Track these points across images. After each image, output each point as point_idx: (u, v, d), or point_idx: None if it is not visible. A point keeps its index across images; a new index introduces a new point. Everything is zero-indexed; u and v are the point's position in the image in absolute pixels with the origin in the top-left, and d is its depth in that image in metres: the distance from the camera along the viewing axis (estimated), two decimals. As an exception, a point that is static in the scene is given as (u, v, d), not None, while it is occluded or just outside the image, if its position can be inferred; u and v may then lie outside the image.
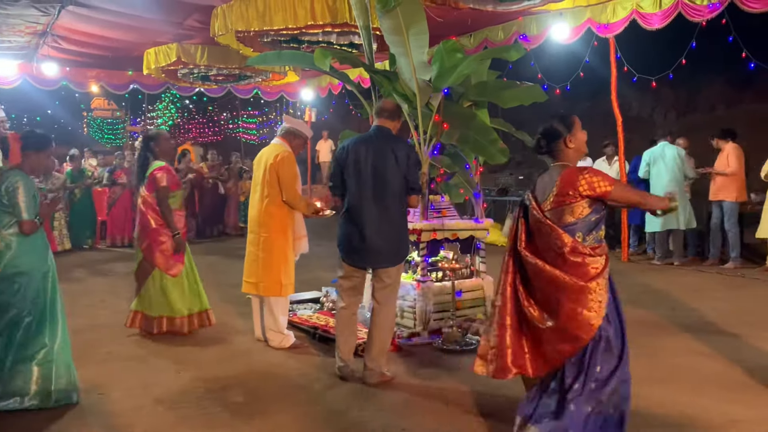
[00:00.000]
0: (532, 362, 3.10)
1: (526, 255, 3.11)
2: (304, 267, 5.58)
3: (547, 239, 3.05)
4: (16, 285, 3.70)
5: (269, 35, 7.92)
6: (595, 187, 2.99)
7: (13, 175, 3.74)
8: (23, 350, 3.73)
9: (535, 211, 3.10)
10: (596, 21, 8.33)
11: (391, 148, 4.16)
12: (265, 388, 4.18)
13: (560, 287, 2.98)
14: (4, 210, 3.72)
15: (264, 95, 15.34)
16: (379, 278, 4.27)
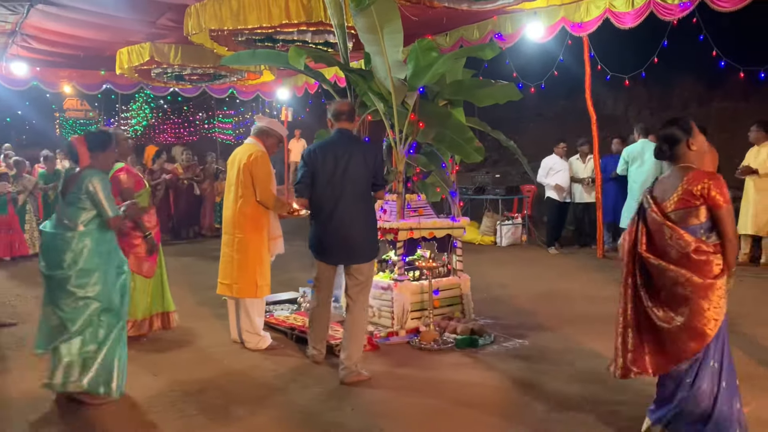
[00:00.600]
0: (652, 362, 3.17)
1: (648, 257, 3.16)
2: (280, 268, 5.55)
3: (668, 241, 3.11)
4: (94, 279, 3.81)
5: (243, 34, 7.85)
6: (708, 195, 3.06)
7: (90, 176, 3.86)
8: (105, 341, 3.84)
9: (655, 214, 3.16)
10: (570, 20, 8.39)
11: (361, 150, 4.36)
12: (241, 391, 4.14)
13: (687, 286, 3.04)
14: (80, 208, 3.84)
15: (240, 95, 15.22)
16: (352, 276, 4.36)
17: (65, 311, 3.77)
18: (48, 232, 3.90)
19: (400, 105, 5.40)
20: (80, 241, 3.80)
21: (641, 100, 15.12)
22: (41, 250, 3.96)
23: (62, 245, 3.79)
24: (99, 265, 3.84)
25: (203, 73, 11.57)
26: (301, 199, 4.44)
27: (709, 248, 3.06)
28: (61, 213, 3.88)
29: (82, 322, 3.77)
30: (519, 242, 10.98)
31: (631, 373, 3.20)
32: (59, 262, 3.78)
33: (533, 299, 6.66)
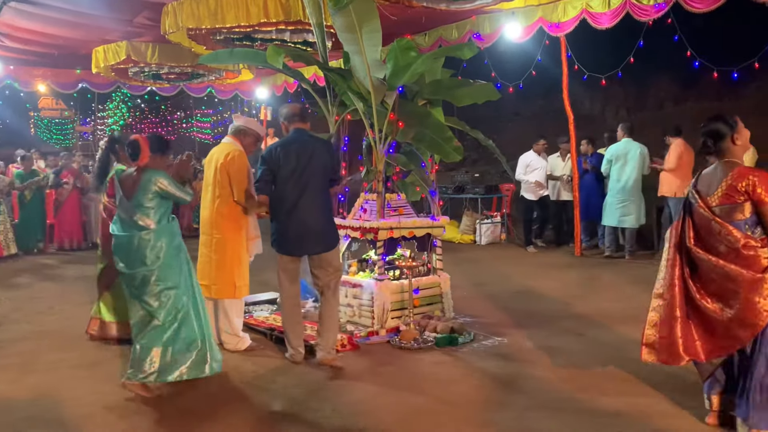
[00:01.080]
0: (704, 349, 3.28)
1: (697, 252, 3.27)
2: (259, 268, 5.52)
3: (717, 236, 3.20)
4: (174, 271, 4.07)
5: (221, 33, 7.80)
6: (754, 191, 3.13)
7: (153, 176, 4.08)
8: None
9: (703, 210, 3.25)
10: (547, 20, 8.45)
11: (319, 147, 4.60)
12: (219, 392, 4.11)
13: (737, 281, 3.13)
14: (149, 207, 4.07)
15: (218, 94, 15.12)
16: (322, 267, 4.58)
17: (152, 305, 4.00)
18: (122, 235, 4.09)
19: (380, 104, 5.40)
20: (158, 239, 4.04)
21: (618, 99, 15.32)
22: (116, 251, 4.12)
23: (142, 244, 4.02)
24: (175, 258, 4.10)
25: (181, 72, 11.47)
26: (261, 196, 4.59)
27: (757, 243, 3.14)
28: (130, 213, 4.08)
29: (167, 313, 4.00)
30: (498, 241, 11.05)
31: (683, 360, 3.31)
32: (142, 260, 4.01)
33: (512, 297, 6.71)
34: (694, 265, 3.32)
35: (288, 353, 4.68)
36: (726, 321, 3.17)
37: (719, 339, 3.24)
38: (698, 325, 3.31)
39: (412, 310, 5.21)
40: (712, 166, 3.38)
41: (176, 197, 4.15)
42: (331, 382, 4.23)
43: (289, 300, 4.65)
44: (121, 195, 4.16)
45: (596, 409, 3.67)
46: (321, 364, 4.53)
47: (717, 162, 3.35)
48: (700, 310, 3.27)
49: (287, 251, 4.59)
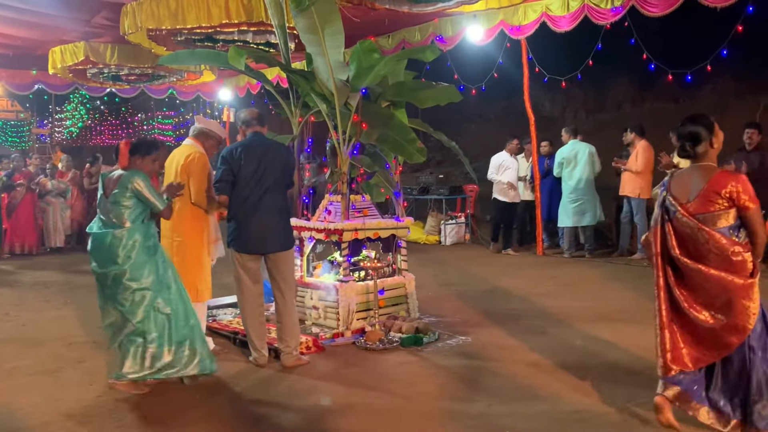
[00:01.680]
0: (692, 357, 3.20)
1: (685, 262, 3.16)
2: (220, 271, 5.46)
3: (705, 245, 3.11)
4: (147, 271, 4.04)
5: (182, 34, 7.72)
6: (738, 198, 3.07)
7: (131, 176, 4.08)
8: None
9: (686, 218, 3.13)
10: (508, 23, 8.58)
11: (278, 151, 4.71)
12: (182, 397, 4.05)
13: (731, 288, 3.08)
14: (125, 206, 4.06)
15: (180, 95, 14.92)
16: (278, 269, 4.62)
17: (125, 305, 3.99)
18: (97, 233, 4.10)
19: (343, 106, 5.41)
20: (130, 236, 4.04)
21: (578, 101, 15.59)
22: (91, 250, 4.13)
23: (114, 242, 4.01)
24: (149, 258, 4.08)
25: (141, 73, 11.30)
26: (222, 196, 4.62)
27: (742, 247, 3.10)
28: (107, 213, 4.09)
29: (143, 314, 3.99)
30: (463, 241, 11.15)
31: (672, 371, 3.20)
32: (113, 258, 4.00)
33: (476, 297, 6.78)
34: (679, 274, 3.23)
35: (252, 356, 4.65)
36: (718, 329, 3.12)
37: (708, 347, 3.17)
38: (685, 333, 3.22)
39: (377, 311, 5.23)
40: (685, 170, 3.28)
41: (149, 202, 4.12)
42: (297, 385, 4.22)
43: (251, 300, 4.64)
44: (101, 194, 4.16)
45: (559, 405, 3.74)
46: (285, 366, 4.52)
47: (692, 166, 3.25)
48: (688, 319, 3.19)
49: (248, 249, 4.58)
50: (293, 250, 4.84)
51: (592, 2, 7.75)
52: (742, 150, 8.00)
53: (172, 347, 4.06)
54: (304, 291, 5.64)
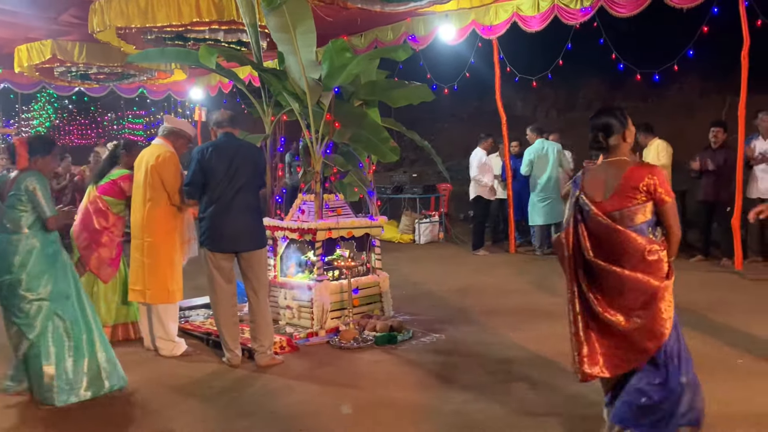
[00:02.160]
0: (608, 365, 3.03)
1: (599, 264, 2.96)
2: (193, 272, 5.41)
3: (620, 245, 2.93)
4: (44, 281, 3.81)
5: (152, 32, 7.62)
6: (655, 191, 2.92)
7: (28, 177, 3.84)
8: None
9: (600, 218, 2.94)
10: (480, 23, 8.65)
11: (250, 151, 4.70)
12: (155, 399, 4.01)
13: (648, 290, 2.92)
14: (21, 210, 3.82)
15: (150, 94, 14.73)
16: (251, 268, 4.59)
17: (20, 317, 3.77)
18: None
19: (316, 105, 5.40)
20: (27, 243, 3.81)
21: (548, 100, 15.76)
22: None
23: (9, 248, 3.79)
24: (48, 267, 3.84)
25: (110, 72, 11.12)
26: (191, 201, 4.64)
27: (659, 246, 2.96)
28: (3, 217, 3.85)
29: (40, 327, 3.77)
30: (437, 240, 11.20)
31: (590, 378, 3.06)
32: (8, 266, 3.77)
33: (450, 294, 6.82)
34: (593, 277, 3.03)
35: (225, 357, 4.62)
36: (634, 333, 2.95)
37: (626, 353, 3.00)
38: (601, 339, 3.03)
39: (351, 310, 5.23)
40: (598, 166, 3.08)
41: (40, 206, 3.80)
42: (271, 385, 4.20)
43: (225, 300, 4.60)
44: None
45: (531, 401, 3.78)
46: (259, 366, 4.51)
47: (605, 162, 3.06)
48: (605, 324, 3.00)
49: (221, 248, 4.54)
50: (266, 249, 4.82)
51: (561, 2, 7.86)
52: (708, 148, 8.17)
53: (72, 363, 3.79)
54: (278, 291, 5.62)
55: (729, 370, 4.19)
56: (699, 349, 4.60)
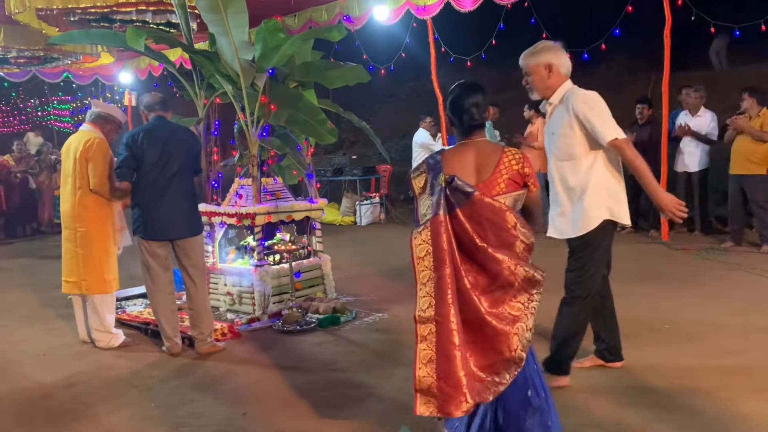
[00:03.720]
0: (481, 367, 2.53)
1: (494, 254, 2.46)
2: (128, 261, 5.26)
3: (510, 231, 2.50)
4: None
5: (76, 13, 7.27)
6: (527, 178, 2.58)
7: None
8: None
9: (491, 200, 2.48)
10: (414, 3, 8.64)
11: (185, 135, 4.60)
12: (94, 391, 3.91)
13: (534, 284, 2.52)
14: None
15: (76, 79, 14.08)
16: (187, 255, 4.51)
17: None
18: None
19: (250, 87, 5.31)
20: None
21: (483, 80, 15.89)
22: None
23: None
24: None
25: (32, 55, 10.56)
26: (123, 183, 4.46)
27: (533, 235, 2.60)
28: None
29: None
30: (378, 221, 11.26)
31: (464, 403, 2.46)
32: None
33: (391, 274, 6.89)
34: (476, 271, 2.53)
35: (164, 346, 4.55)
36: (506, 327, 2.47)
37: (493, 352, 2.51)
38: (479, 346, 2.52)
39: (293, 293, 5.22)
40: (459, 147, 2.64)
41: None
42: (213, 371, 4.16)
43: (162, 288, 4.51)
44: None
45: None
46: (200, 354, 4.46)
47: (468, 142, 2.64)
48: (489, 328, 2.48)
49: (155, 236, 4.44)
50: (203, 235, 4.74)
51: (494, -18, 7.94)
52: (634, 123, 8.49)
53: None
54: (218, 277, 5.55)
55: (656, 333, 4.41)
56: (630, 316, 4.83)
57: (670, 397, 3.36)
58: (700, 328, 4.47)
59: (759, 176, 7.00)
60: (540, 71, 3.52)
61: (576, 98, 3.42)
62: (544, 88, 3.56)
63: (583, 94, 3.44)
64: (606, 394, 3.44)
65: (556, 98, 3.54)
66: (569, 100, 3.45)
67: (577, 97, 3.43)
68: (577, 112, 3.40)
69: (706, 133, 7.86)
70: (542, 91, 3.58)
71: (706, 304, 5.10)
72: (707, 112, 7.98)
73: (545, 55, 3.53)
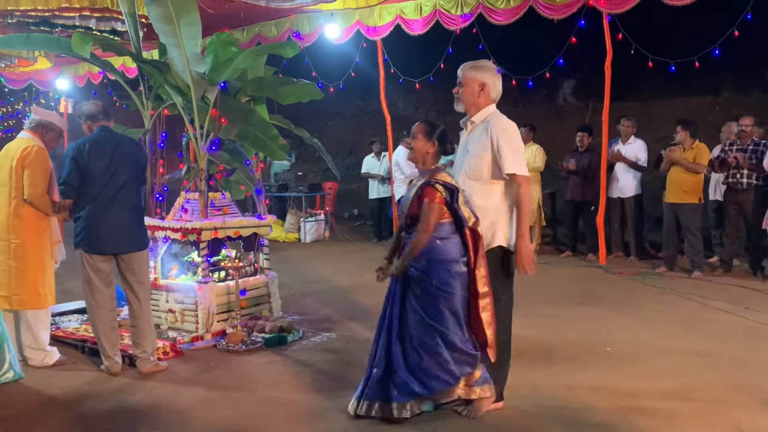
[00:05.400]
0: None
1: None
2: (61, 276, 4.97)
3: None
4: None
5: (14, 16, 7.00)
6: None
7: None
8: None
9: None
10: (365, 23, 8.75)
11: (132, 147, 4.51)
12: (22, 414, 3.68)
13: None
14: None
15: (9, 83, 13.50)
16: (132, 270, 4.39)
17: None
18: None
19: (200, 99, 5.21)
20: None
21: (429, 102, 16.21)
22: None
23: None
24: None
25: (-39, 56, 10.10)
26: (66, 201, 4.31)
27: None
28: None
29: None
30: (323, 238, 11.20)
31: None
32: None
33: (338, 292, 6.84)
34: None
35: (103, 365, 4.35)
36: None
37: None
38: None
39: (239, 311, 5.11)
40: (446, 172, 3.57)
41: None
42: (155, 392, 4.01)
43: (104, 305, 4.33)
44: None
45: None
46: (142, 373, 4.30)
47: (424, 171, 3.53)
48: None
49: (100, 250, 4.28)
50: (148, 250, 4.59)
51: (443, 8, 8.13)
52: (575, 150, 8.78)
53: None
54: (159, 294, 5.37)
55: (598, 356, 4.53)
56: (573, 338, 4.95)
57: (614, 420, 3.45)
58: (640, 351, 4.63)
59: (692, 204, 7.35)
60: (473, 86, 3.61)
61: (496, 123, 3.54)
62: (471, 104, 3.65)
63: (505, 122, 3.55)
64: (552, 416, 3.50)
65: (478, 118, 3.64)
66: (490, 124, 3.55)
67: (498, 122, 3.54)
68: (493, 136, 3.50)
69: (636, 159, 8.21)
70: (468, 105, 3.67)
71: (644, 327, 5.28)
72: (637, 140, 8.36)
73: (483, 74, 3.63)
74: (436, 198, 3.35)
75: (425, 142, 3.51)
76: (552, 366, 4.32)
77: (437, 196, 3.35)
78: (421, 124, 3.60)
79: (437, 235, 3.37)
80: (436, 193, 3.36)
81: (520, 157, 3.49)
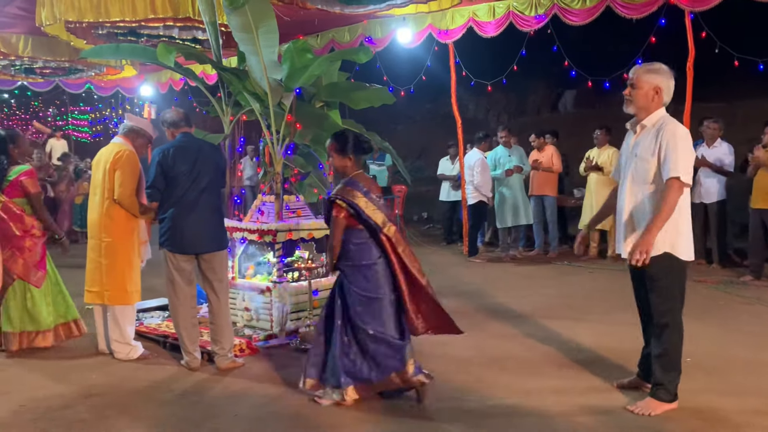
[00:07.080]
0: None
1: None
2: (145, 273, 5.24)
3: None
4: None
5: (104, 27, 7.42)
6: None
7: None
8: None
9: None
10: (437, 27, 8.74)
11: (212, 151, 4.71)
12: (112, 403, 3.91)
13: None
14: None
15: (97, 90, 14.30)
16: (212, 269, 4.56)
17: None
18: None
19: (277, 105, 5.37)
20: None
21: (500, 105, 16.07)
22: None
23: None
24: None
25: (57, 66, 10.76)
26: (154, 203, 4.55)
27: None
28: None
29: None
30: (392, 241, 11.21)
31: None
32: None
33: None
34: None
35: (184, 360, 4.55)
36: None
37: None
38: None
39: (311, 311, 5.22)
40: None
41: None
42: (232, 387, 4.16)
43: (185, 302, 4.53)
44: None
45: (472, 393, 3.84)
46: (220, 369, 4.46)
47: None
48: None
49: (183, 250, 4.48)
50: (227, 250, 4.77)
51: (517, 9, 8.03)
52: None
53: None
54: (236, 293, 5.55)
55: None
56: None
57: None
58: (722, 363, 4.44)
59: (780, 210, 6.97)
60: (647, 90, 3.55)
61: (669, 127, 3.46)
62: (642, 107, 3.59)
63: (679, 128, 3.48)
64: (623, 427, 3.41)
65: (650, 122, 3.57)
66: (662, 128, 3.47)
67: (671, 127, 3.46)
68: (663, 139, 3.43)
69: (721, 163, 7.83)
70: (639, 109, 3.60)
71: (728, 337, 5.06)
72: (723, 143, 7.95)
73: (659, 77, 3.56)
74: (341, 213, 3.73)
75: (341, 159, 3.87)
76: (628, 375, 4.20)
77: (341, 212, 3.73)
78: (332, 143, 3.90)
79: (355, 240, 3.79)
80: (340, 209, 3.73)
81: (687, 165, 3.39)
